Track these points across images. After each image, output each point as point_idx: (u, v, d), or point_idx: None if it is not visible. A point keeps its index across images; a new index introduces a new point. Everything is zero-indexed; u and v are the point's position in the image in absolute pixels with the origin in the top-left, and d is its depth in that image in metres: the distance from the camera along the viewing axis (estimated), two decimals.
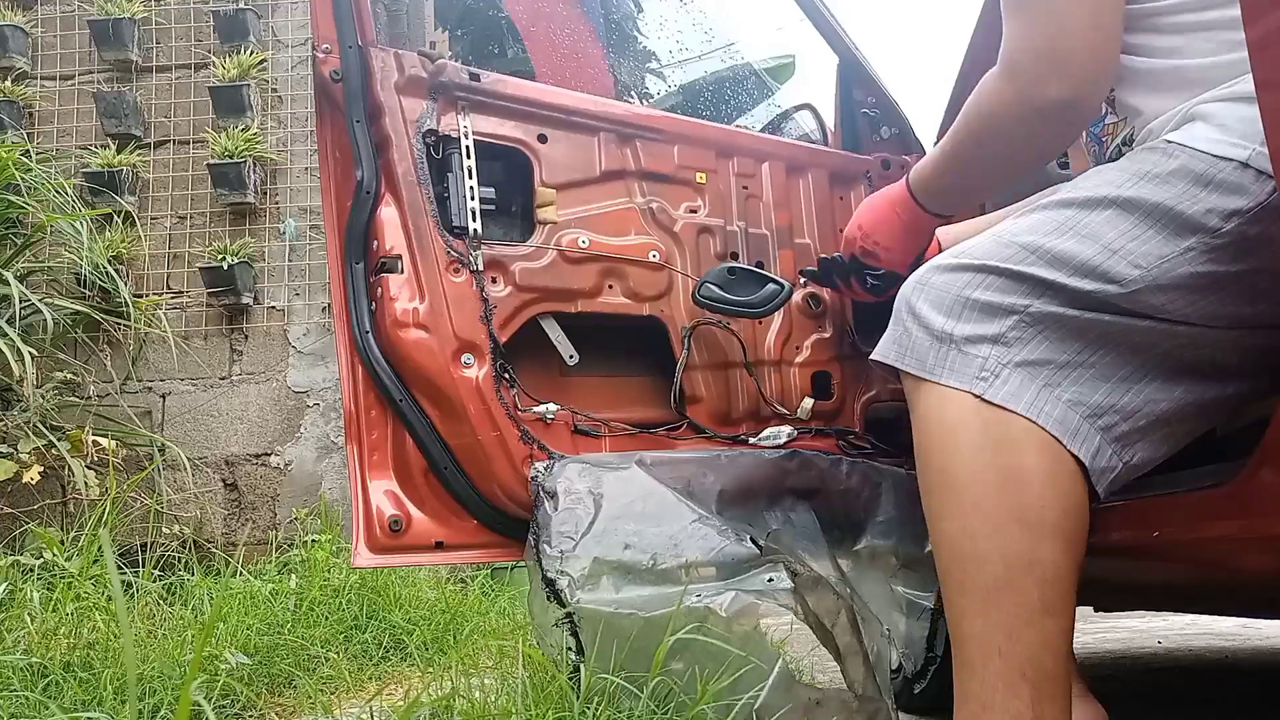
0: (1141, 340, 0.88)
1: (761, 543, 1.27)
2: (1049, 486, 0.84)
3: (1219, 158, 0.84)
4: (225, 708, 1.57)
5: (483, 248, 1.36)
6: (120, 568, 2.02)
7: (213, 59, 3.36)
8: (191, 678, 0.92)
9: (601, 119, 1.49)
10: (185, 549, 2.46)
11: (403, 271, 1.32)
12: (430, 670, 1.96)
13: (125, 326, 3.11)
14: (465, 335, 1.32)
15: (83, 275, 3.00)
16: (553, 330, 1.42)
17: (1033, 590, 0.81)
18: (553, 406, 1.37)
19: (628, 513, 1.25)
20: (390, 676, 2.09)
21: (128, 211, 3.20)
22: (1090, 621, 3.07)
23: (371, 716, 1.34)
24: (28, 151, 2.84)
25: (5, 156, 2.64)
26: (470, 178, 1.36)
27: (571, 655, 1.18)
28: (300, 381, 3.25)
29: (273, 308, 3.29)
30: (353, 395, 1.35)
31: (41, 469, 2.54)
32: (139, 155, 3.31)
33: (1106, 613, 2.54)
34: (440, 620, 2.43)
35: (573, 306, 1.42)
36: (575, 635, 1.17)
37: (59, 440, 2.62)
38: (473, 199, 1.36)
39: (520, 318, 1.38)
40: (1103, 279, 0.86)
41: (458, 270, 1.34)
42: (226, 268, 3.16)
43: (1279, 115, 0.69)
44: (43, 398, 2.72)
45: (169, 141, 3.40)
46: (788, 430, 1.49)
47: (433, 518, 1.35)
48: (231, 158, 3.20)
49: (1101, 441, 0.87)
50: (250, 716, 1.63)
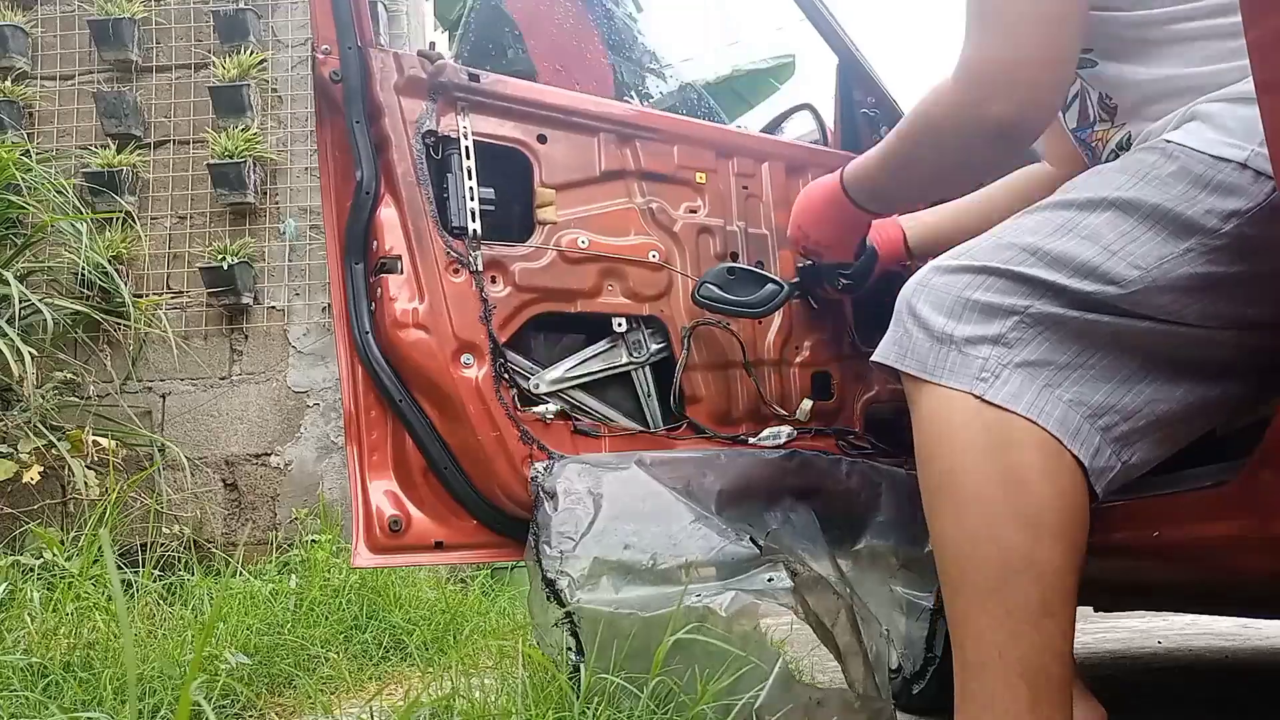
0: (1141, 341, 0.88)
1: (761, 542, 1.27)
2: (1049, 487, 0.84)
3: (1218, 159, 0.84)
4: (225, 708, 1.57)
5: (482, 248, 1.36)
6: (120, 568, 2.02)
7: (213, 59, 3.36)
8: (191, 678, 0.93)
9: (601, 119, 1.49)
10: (185, 549, 2.46)
11: (402, 272, 1.32)
12: (430, 670, 1.96)
13: (125, 326, 3.11)
14: (465, 335, 1.32)
15: (83, 275, 3.00)
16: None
17: (1032, 590, 0.81)
18: (552, 407, 1.37)
19: (627, 513, 1.25)
20: (390, 676, 2.09)
21: (128, 211, 3.20)
22: (1090, 621, 3.07)
23: (371, 716, 1.34)
24: (28, 151, 2.84)
25: (5, 156, 2.64)
26: (470, 178, 1.36)
27: (571, 655, 1.18)
28: (300, 381, 3.25)
29: (273, 308, 3.29)
30: (352, 395, 1.35)
31: (41, 469, 2.54)
32: (139, 155, 3.31)
33: (1106, 613, 2.54)
34: (440, 620, 2.43)
35: (572, 307, 1.42)
36: (575, 635, 1.17)
37: (59, 440, 2.62)
38: (472, 199, 1.36)
39: (520, 318, 1.38)
40: (1103, 280, 0.86)
41: (457, 270, 1.34)
42: (226, 268, 3.16)
43: (1279, 117, 0.69)
44: (43, 398, 2.72)
45: (169, 141, 3.40)
46: (787, 430, 1.49)
47: (432, 518, 1.35)
48: (231, 158, 3.20)
49: (1101, 442, 0.87)
50: (250, 716, 1.63)
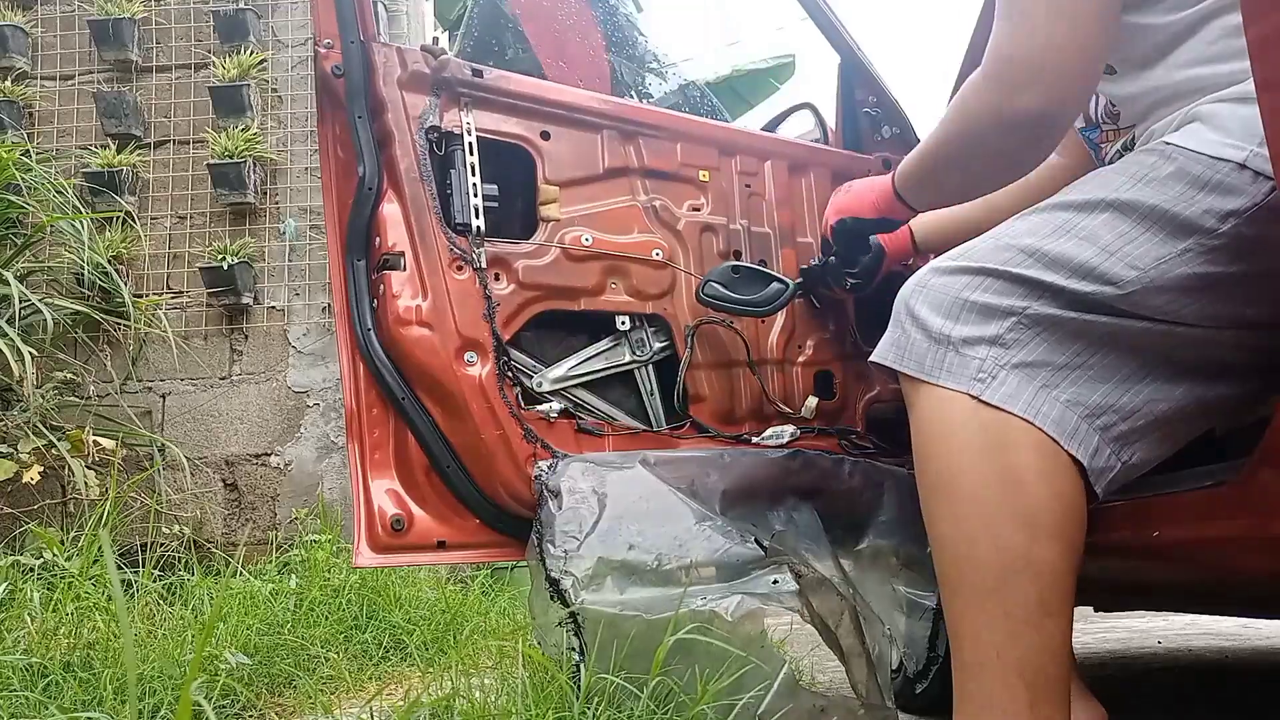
0: (1140, 341, 0.88)
1: (766, 543, 1.26)
2: (1046, 487, 0.84)
3: (1216, 159, 0.84)
4: (225, 708, 1.57)
5: (486, 245, 1.36)
6: (120, 568, 2.02)
7: (213, 59, 3.36)
8: (191, 678, 0.92)
9: (604, 116, 1.49)
10: (185, 549, 2.46)
11: (405, 268, 1.32)
12: (430, 670, 1.96)
13: (125, 326, 3.11)
14: (468, 333, 1.32)
15: (83, 275, 2.99)
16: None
17: (1030, 591, 0.81)
18: (555, 405, 1.37)
19: (632, 512, 1.24)
20: (390, 676, 2.08)
21: (128, 211, 3.19)
22: (1090, 621, 3.07)
23: (371, 716, 1.33)
24: (28, 151, 2.83)
25: (5, 156, 2.64)
26: (473, 174, 1.36)
27: (573, 655, 1.18)
28: (300, 381, 3.24)
29: (273, 308, 3.28)
30: (354, 393, 1.35)
31: (41, 469, 2.53)
32: (139, 155, 3.31)
33: (1106, 613, 2.54)
34: (440, 620, 2.42)
35: (576, 304, 1.42)
36: (578, 635, 1.17)
37: (59, 440, 2.62)
38: (476, 196, 1.35)
39: (523, 315, 1.38)
40: (1100, 280, 0.86)
41: (460, 267, 1.33)
42: (226, 268, 3.15)
43: (1279, 116, 0.69)
44: (43, 398, 2.72)
45: (169, 141, 3.40)
46: (790, 430, 1.49)
47: (435, 517, 1.34)
48: (231, 158, 3.20)
49: (1100, 442, 0.87)
50: (250, 716, 1.62)
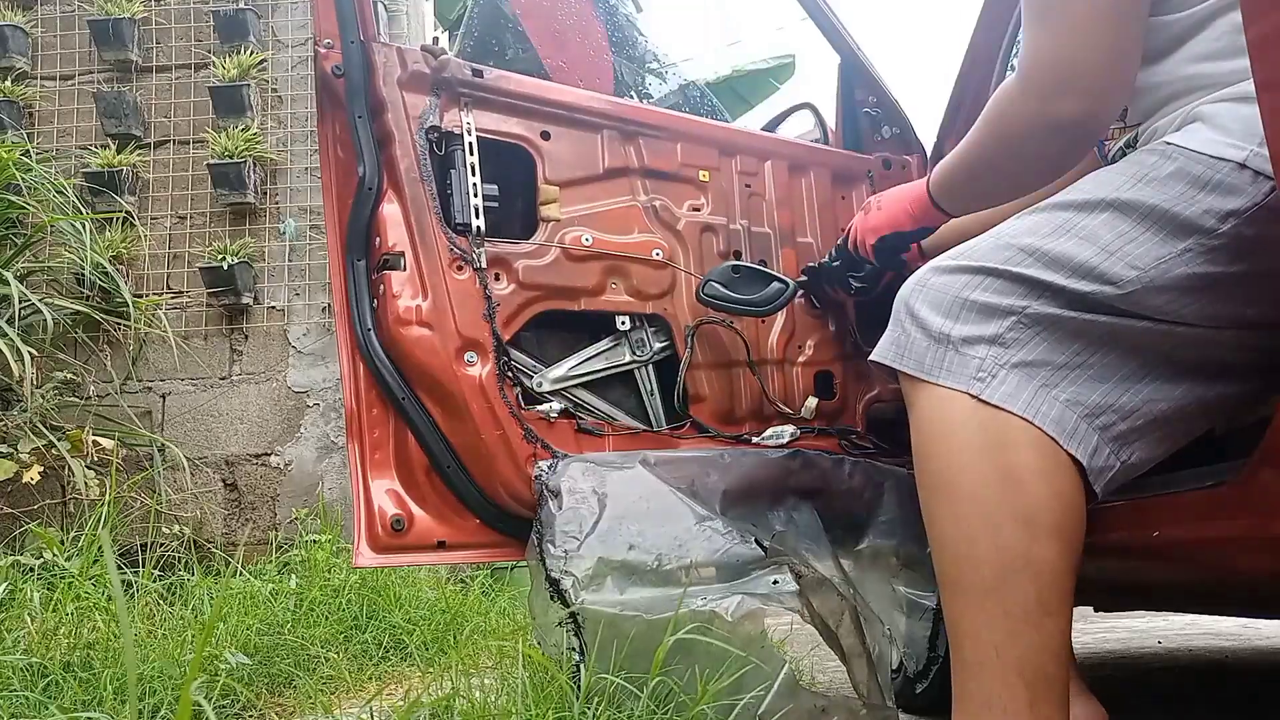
0: (1139, 341, 0.88)
1: (766, 543, 1.26)
2: (1046, 486, 0.84)
3: (1216, 159, 0.84)
4: (225, 708, 1.57)
5: (486, 245, 1.36)
6: (120, 568, 2.02)
7: (213, 59, 3.36)
8: (191, 678, 0.92)
9: (605, 116, 1.49)
10: (185, 549, 2.46)
11: (405, 268, 1.32)
12: (430, 670, 1.96)
13: (125, 326, 3.11)
14: (468, 333, 1.32)
15: (83, 275, 2.99)
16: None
17: (1030, 590, 0.81)
18: (555, 405, 1.37)
19: (632, 512, 1.24)
20: (390, 676, 2.08)
21: (128, 211, 3.19)
22: (1090, 621, 3.07)
23: (371, 716, 1.33)
24: (28, 151, 2.83)
25: (5, 156, 2.64)
26: (473, 174, 1.36)
27: (573, 655, 1.18)
28: (300, 381, 3.24)
29: (273, 308, 3.28)
30: (354, 393, 1.34)
31: (41, 469, 2.53)
32: (139, 155, 3.31)
33: (1106, 613, 2.54)
34: (440, 620, 2.43)
35: (576, 304, 1.42)
36: (578, 635, 1.17)
37: (59, 440, 2.62)
38: (476, 196, 1.35)
39: (524, 315, 1.38)
40: (1100, 280, 0.86)
41: (461, 267, 1.33)
42: (226, 268, 3.15)
43: (1279, 115, 0.69)
44: (43, 398, 2.72)
45: (169, 141, 3.40)
46: (790, 430, 1.49)
47: (435, 517, 1.34)
48: (231, 158, 3.20)
49: (1099, 441, 0.87)
50: (250, 716, 1.62)
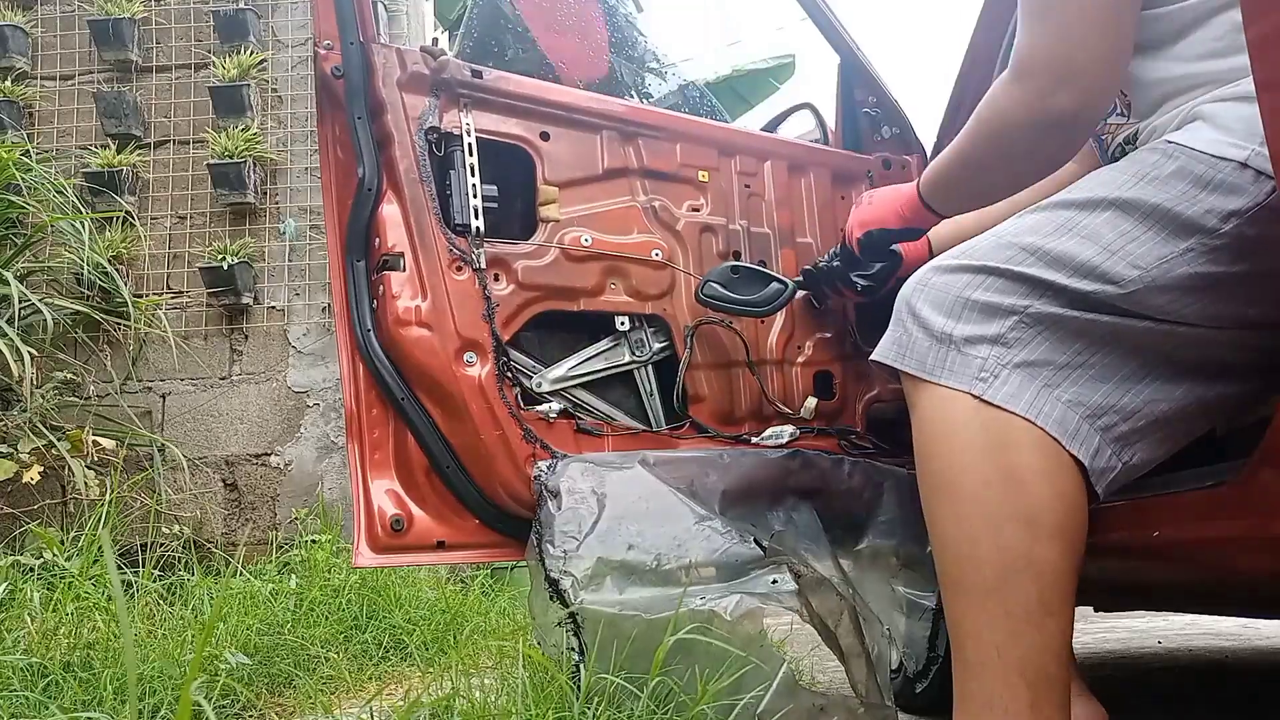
0: (1141, 341, 0.88)
1: (765, 543, 1.27)
2: (1048, 487, 0.84)
3: (1218, 158, 0.84)
4: (225, 708, 1.57)
5: (485, 245, 1.36)
6: (120, 568, 2.02)
7: (213, 59, 3.36)
8: (191, 678, 0.92)
9: (604, 117, 1.49)
10: (185, 549, 2.46)
11: (405, 269, 1.32)
12: (430, 670, 1.96)
13: (125, 326, 3.11)
14: (467, 333, 1.32)
15: (83, 275, 2.99)
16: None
17: (1031, 590, 0.81)
18: (555, 405, 1.37)
19: (631, 512, 1.25)
20: (390, 676, 2.08)
21: (128, 211, 3.19)
22: (1090, 621, 3.07)
23: (371, 716, 1.33)
24: (28, 151, 2.83)
25: (5, 156, 2.64)
26: (472, 175, 1.36)
27: (573, 655, 1.18)
28: (300, 381, 3.24)
29: (273, 308, 3.29)
30: (354, 394, 1.35)
31: (41, 469, 2.53)
32: (139, 155, 3.31)
33: (1106, 613, 2.54)
34: (440, 620, 2.43)
35: (575, 305, 1.42)
36: (577, 635, 1.17)
37: (59, 440, 2.62)
38: (475, 196, 1.35)
39: (523, 316, 1.38)
40: (1102, 280, 0.86)
41: (460, 268, 1.33)
42: (226, 268, 3.15)
43: (1279, 115, 0.69)
44: (43, 398, 2.72)
45: (169, 141, 3.40)
46: (790, 430, 1.49)
47: (434, 517, 1.34)
48: (231, 158, 3.20)
49: (1101, 442, 0.87)
50: (250, 716, 1.63)
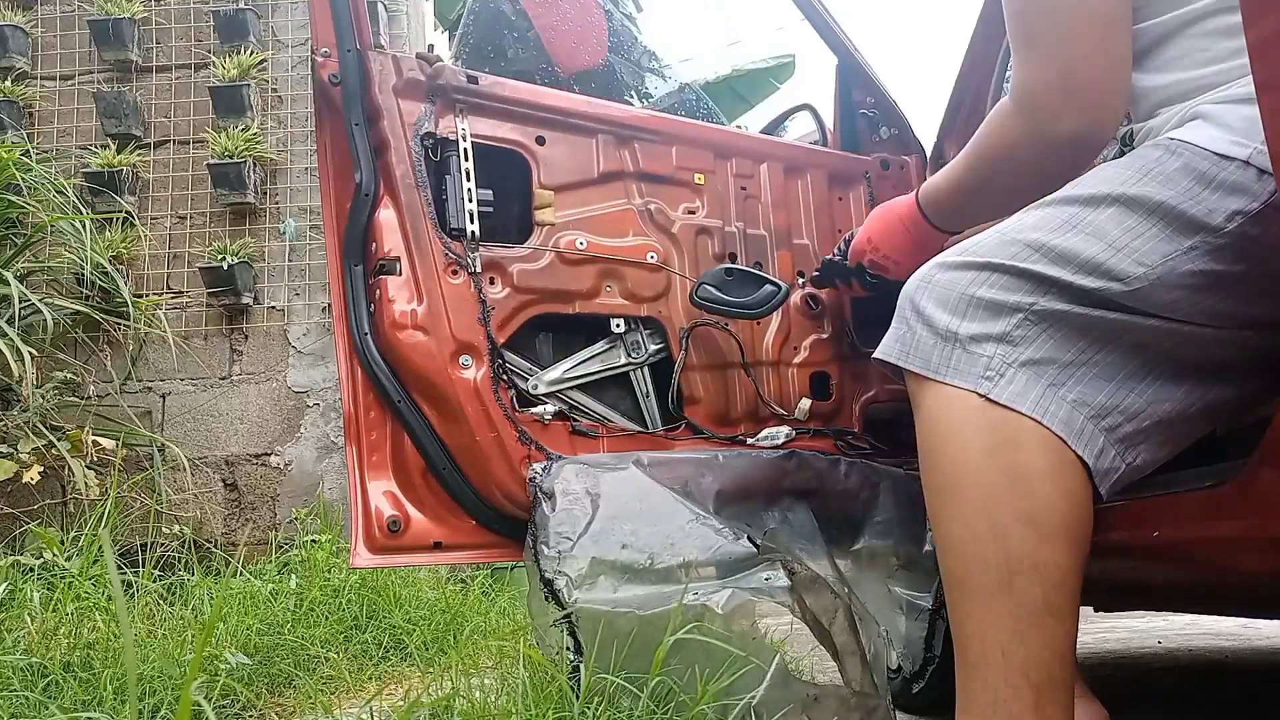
0: (1145, 339, 0.87)
1: (759, 541, 1.27)
2: (1054, 488, 0.83)
3: (1222, 156, 0.83)
4: (225, 708, 1.58)
5: (481, 249, 1.36)
6: (120, 568, 2.03)
7: (213, 59, 3.36)
8: (191, 678, 0.93)
9: (599, 121, 1.49)
10: (185, 549, 2.46)
11: (401, 273, 1.33)
12: (430, 670, 1.96)
13: (125, 326, 3.12)
14: (463, 337, 1.32)
15: (83, 275, 3.00)
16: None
17: (1037, 592, 0.81)
18: (550, 407, 1.37)
19: (625, 513, 1.25)
20: (390, 676, 2.09)
21: (128, 211, 3.20)
22: (1090, 621, 3.07)
23: (371, 716, 1.34)
24: (28, 151, 2.84)
25: (5, 156, 2.65)
26: (468, 180, 1.37)
27: (570, 655, 1.19)
28: (300, 381, 3.25)
29: (273, 308, 3.29)
30: (352, 396, 1.36)
31: (41, 469, 2.54)
32: (139, 155, 3.32)
33: (1106, 613, 2.54)
34: (440, 620, 2.43)
35: (570, 308, 1.43)
36: (574, 635, 1.17)
37: (59, 440, 2.63)
38: (471, 201, 1.36)
39: (518, 319, 1.39)
40: (1107, 276, 0.85)
41: (456, 272, 1.34)
42: (226, 268, 3.16)
43: (1279, 117, 0.69)
44: (43, 398, 2.72)
45: (169, 141, 3.41)
46: (786, 430, 1.50)
47: (431, 518, 1.35)
48: (231, 158, 3.21)
49: (1105, 442, 0.86)
50: (250, 716, 1.63)
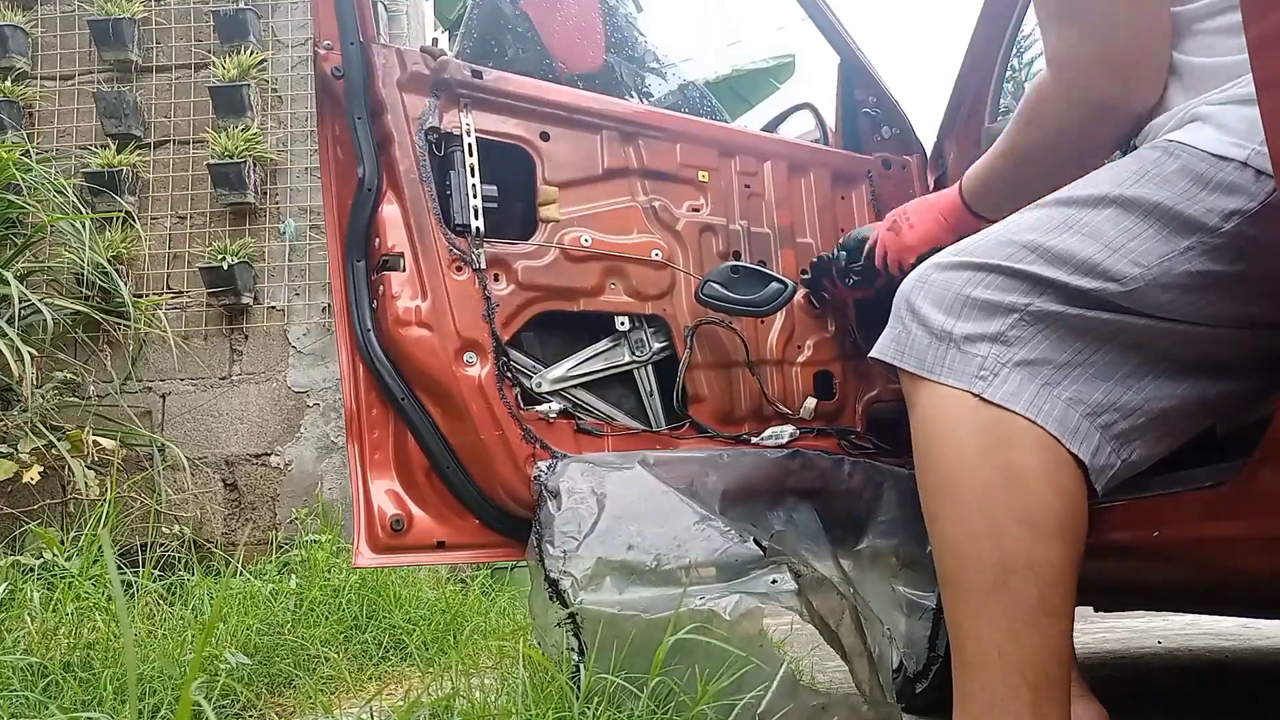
0: (1141, 339, 0.87)
1: (765, 543, 1.27)
2: (1049, 486, 0.83)
3: (1219, 157, 0.84)
4: (225, 708, 1.57)
5: (485, 246, 1.36)
6: (120, 568, 2.02)
7: (213, 59, 3.36)
8: (191, 678, 0.92)
9: (604, 117, 1.49)
10: (185, 549, 2.46)
11: (405, 269, 1.32)
12: (430, 670, 1.96)
13: (125, 326, 3.11)
14: (467, 333, 1.32)
15: (83, 275, 2.99)
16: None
17: (1032, 591, 0.81)
18: (554, 405, 1.37)
19: (631, 512, 1.25)
20: (390, 676, 2.08)
21: (128, 211, 3.20)
22: (1090, 621, 3.07)
23: (371, 716, 1.33)
24: (28, 151, 2.84)
25: (5, 156, 2.64)
26: (472, 175, 1.36)
27: (573, 655, 1.18)
28: (300, 381, 3.24)
29: (273, 308, 3.29)
30: (354, 394, 1.35)
31: (41, 469, 2.53)
32: (139, 155, 3.31)
33: (1106, 613, 2.54)
34: (440, 620, 2.43)
35: (575, 305, 1.42)
36: (577, 635, 1.17)
37: (59, 440, 2.62)
38: (475, 197, 1.35)
39: (523, 316, 1.38)
40: (1103, 277, 0.86)
41: (460, 268, 1.33)
42: (226, 268, 3.15)
43: (1279, 116, 0.69)
44: (43, 398, 2.72)
45: (169, 141, 3.40)
46: (790, 430, 1.49)
47: (434, 517, 1.34)
48: (231, 158, 3.20)
49: (1101, 440, 0.86)
50: (250, 716, 1.63)
